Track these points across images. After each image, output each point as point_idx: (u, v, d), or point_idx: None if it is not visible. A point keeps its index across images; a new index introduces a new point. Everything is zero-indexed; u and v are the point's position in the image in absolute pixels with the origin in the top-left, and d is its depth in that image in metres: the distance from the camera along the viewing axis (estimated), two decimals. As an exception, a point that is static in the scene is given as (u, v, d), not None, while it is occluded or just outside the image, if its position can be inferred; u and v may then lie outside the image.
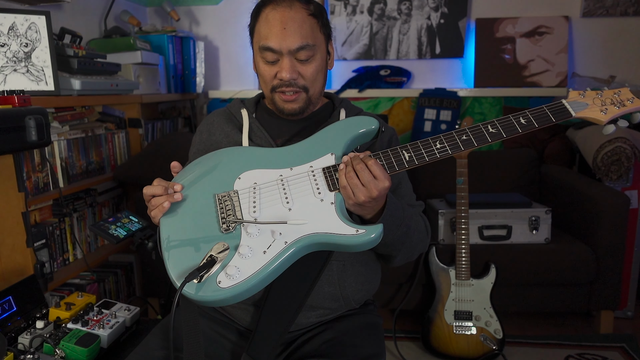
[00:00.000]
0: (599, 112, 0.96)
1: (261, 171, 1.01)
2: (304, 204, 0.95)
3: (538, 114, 0.96)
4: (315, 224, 0.93)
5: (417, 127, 2.88)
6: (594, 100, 0.98)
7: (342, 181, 0.93)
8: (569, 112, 0.96)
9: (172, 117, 2.91)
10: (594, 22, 2.79)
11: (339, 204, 0.95)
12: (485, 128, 0.96)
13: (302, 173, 0.99)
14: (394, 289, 2.13)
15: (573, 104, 0.97)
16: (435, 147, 0.96)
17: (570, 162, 2.65)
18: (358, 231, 0.91)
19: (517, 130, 0.95)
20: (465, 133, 0.96)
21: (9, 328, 1.28)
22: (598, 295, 2.08)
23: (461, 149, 0.95)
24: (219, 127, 1.18)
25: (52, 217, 1.84)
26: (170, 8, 2.80)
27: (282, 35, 1.03)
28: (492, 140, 0.96)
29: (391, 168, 0.95)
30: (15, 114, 1.34)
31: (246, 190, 0.98)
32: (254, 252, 0.91)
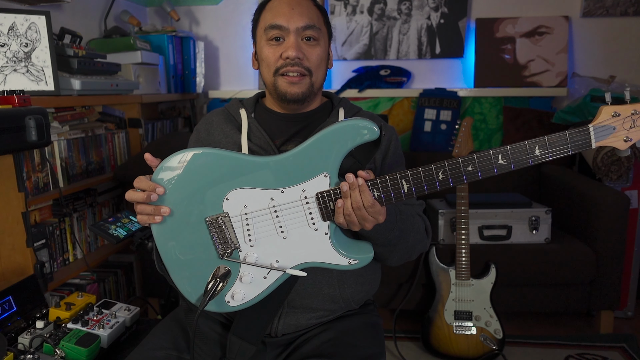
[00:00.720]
0: (622, 140, 0.85)
1: (250, 191, 0.94)
2: (299, 234, 0.95)
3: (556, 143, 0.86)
4: (310, 253, 0.95)
5: (417, 127, 2.88)
6: (624, 123, 0.84)
7: (339, 219, 0.91)
8: (589, 143, 0.85)
9: (172, 117, 2.91)
10: (594, 22, 2.79)
11: (333, 233, 0.95)
12: (495, 159, 0.87)
13: (294, 200, 0.94)
14: (394, 289, 2.13)
15: (598, 131, 0.85)
16: (437, 178, 0.89)
17: (570, 162, 2.65)
18: (350, 262, 0.95)
19: (529, 163, 0.87)
20: (472, 163, 0.88)
21: (9, 328, 1.28)
22: (598, 295, 2.08)
23: (464, 181, 0.89)
24: (218, 127, 1.17)
25: (52, 217, 1.84)
26: (170, 8, 2.80)
27: (290, 14, 1.05)
28: (498, 172, 0.88)
29: (388, 201, 0.92)
30: (15, 114, 1.34)
31: (238, 217, 0.95)
32: (255, 278, 0.97)
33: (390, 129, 1.19)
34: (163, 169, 0.95)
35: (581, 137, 0.85)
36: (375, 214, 0.91)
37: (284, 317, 1.07)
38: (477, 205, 2.12)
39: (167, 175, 0.95)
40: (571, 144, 0.85)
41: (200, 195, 0.95)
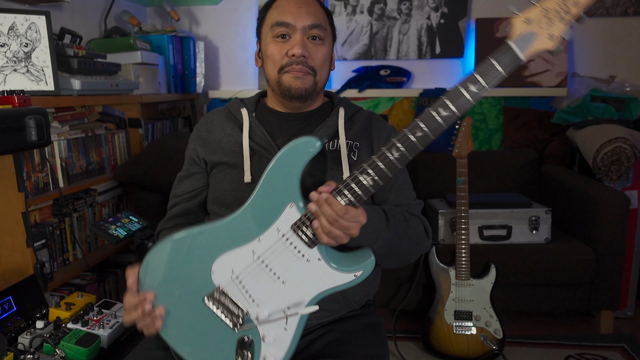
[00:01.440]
0: (546, 39, 0.82)
1: (231, 254, 0.92)
2: (294, 272, 0.91)
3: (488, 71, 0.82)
4: (314, 285, 0.92)
5: (417, 127, 2.87)
6: (540, 23, 0.82)
7: (324, 240, 0.88)
8: (517, 57, 0.82)
9: (172, 117, 2.91)
10: (594, 22, 2.79)
11: (326, 255, 0.91)
12: (437, 113, 0.83)
13: (274, 242, 0.91)
14: (394, 289, 2.13)
15: (520, 42, 0.82)
16: (393, 156, 0.85)
17: (570, 162, 2.65)
18: (356, 275, 0.92)
19: (471, 102, 0.82)
20: (418, 128, 0.84)
21: (9, 328, 1.28)
22: (598, 295, 2.08)
23: (419, 148, 0.85)
24: (219, 126, 1.17)
25: (52, 217, 1.84)
26: (170, 8, 2.80)
27: (297, 12, 1.06)
28: (447, 126, 0.84)
29: (359, 200, 0.87)
30: (15, 114, 1.34)
31: (231, 283, 0.93)
32: (277, 334, 0.93)
33: (389, 127, 1.19)
34: (142, 276, 0.96)
35: (506, 56, 0.82)
36: (354, 218, 0.88)
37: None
38: (477, 205, 2.12)
39: (150, 279, 0.95)
40: (501, 66, 0.82)
41: (188, 280, 0.94)
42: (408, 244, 1.07)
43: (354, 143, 1.12)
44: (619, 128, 2.25)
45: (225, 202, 1.11)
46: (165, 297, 0.94)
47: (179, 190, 1.22)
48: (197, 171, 1.19)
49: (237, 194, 1.09)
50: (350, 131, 1.14)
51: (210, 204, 1.17)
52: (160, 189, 2.02)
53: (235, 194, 1.09)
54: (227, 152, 1.13)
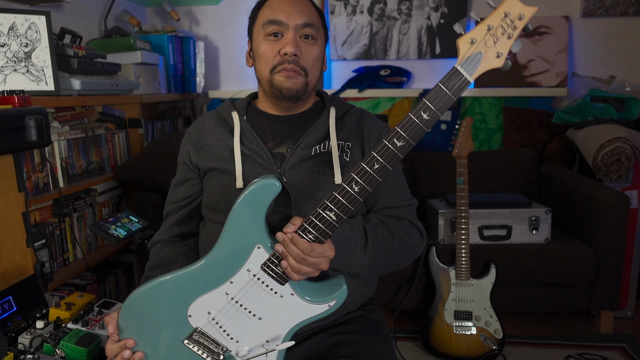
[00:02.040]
0: (494, 58, 0.80)
1: (205, 297, 0.94)
2: (269, 308, 0.93)
3: (438, 98, 0.82)
4: (290, 319, 0.94)
5: (417, 127, 2.87)
6: (486, 41, 0.80)
7: (294, 277, 0.89)
8: (465, 80, 0.81)
9: (172, 117, 2.91)
10: (594, 22, 2.79)
11: (299, 289, 0.93)
12: (392, 144, 0.83)
13: (246, 283, 0.92)
14: (394, 289, 2.13)
15: (467, 64, 0.81)
16: (353, 190, 0.85)
17: (570, 162, 2.65)
18: (330, 305, 0.93)
19: (424, 130, 0.82)
20: (375, 160, 0.84)
21: (9, 328, 1.28)
22: (598, 295, 2.08)
23: (378, 179, 0.85)
24: (210, 131, 1.16)
25: (52, 217, 1.84)
26: (170, 8, 2.80)
27: (290, 11, 1.05)
28: (402, 155, 0.84)
29: (325, 235, 0.88)
30: (15, 114, 1.34)
31: (208, 325, 0.95)
32: None
33: (381, 124, 1.17)
34: (122, 323, 0.97)
35: (455, 79, 0.81)
36: (321, 254, 0.88)
37: None
38: (477, 205, 2.12)
39: (129, 326, 0.96)
40: (450, 90, 0.81)
41: (166, 325, 0.95)
42: (394, 257, 1.07)
43: (346, 143, 1.11)
44: (619, 128, 2.25)
45: (218, 208, 1.11)
46: (145, 342, 0.96)
47: (175, 197, 1.21)
48: (191, 177, 1.19)
49: (229, 199, 1.08)
50: (342, 131, 1.13)
51: (204, 210, 1.16)
52: (160, 189, 2.02)
53: (228, 199, 1.08)
54: (219, 157, 1.12)
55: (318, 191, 1.06)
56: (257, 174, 1.08)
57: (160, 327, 0.95)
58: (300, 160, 1.08)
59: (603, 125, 2.34)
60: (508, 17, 0.79)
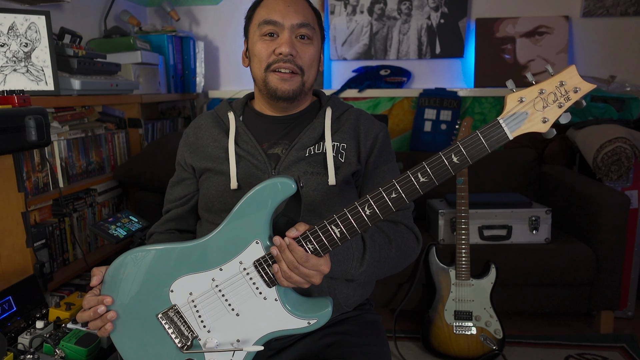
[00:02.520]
0: (540, 122, 0.80)
1: (191, 277, 0.93)
2: (249, 307, 0.92)
3: (472, 146, 0.80)
4: (267, 324, 0.92)
5: (417, 127, 2.88)
6: (535, 105, 0.79)
7: (283, 283, 0.88)
8: (505, 135, 0.80)
9: (172, 117, 2.91)
10: (594, 22, 2.79)
11: (284, 297, 0.91)
12: (416, 178, 0.82)
13: (234, 275, 0.91)
14: (394, 289, 2.13)
15: (510, 121, 0.80)
16: (365, 213, 0.84)
17: (570, 162, 2.65)
18: (310, 322, 0.91)
19: (450, 173, 0.82)
20: (394, 189, 0.83)
21: (9, 328, 1.28)
22: (598, 295, 2.08)
23: (392, 209, 0.84)
24: (206, 131, 1.16)
25: (52, 217, 1.84)
26: (170, 8, 2.80)
27: (285, 11, 1.05)
28: (423, 192, 0.83)
29: (324, 250, 0.87)
30: (15, 114, 1.34)
31: (186, 306, 0.94)
32: None
33: (378, 125, 1.16)
34: (107, 278, 0.96)
35: (494, 132, 0.80)
36: (315, 267, 0.87)
37: None
38: (477, 205, 2.12)
39: (113, 283, 0.95)
40: (487, 141, 0.80)
41: (146, 294, 0.95)
42: (390, 264, 1.06)
43: (341, 144, 1.10)
44: (619, 128, 2.25)
45: (213, 208, 1.11)
46: (122, 305, 0.95)
47: (172, 195, 1.22)
48: (187, 177, 1.19)
49: (224, 200, 1.08)
50: (338, 132, 1.12)
51: (201, 210, 1.16)
52: (160, 189, 2.01)
53: (223, 200, 1.08)
54: (214, 158, 1.12)
55: (312, 192, 1.06)
56: (252, 175, 1.08)
57: (141, 294, 0.94)
58: (295, 161, 1.08)
59: (603, 125, 2.34)
60: (563, 86, 0.78)
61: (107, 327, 0.94)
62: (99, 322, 0.94)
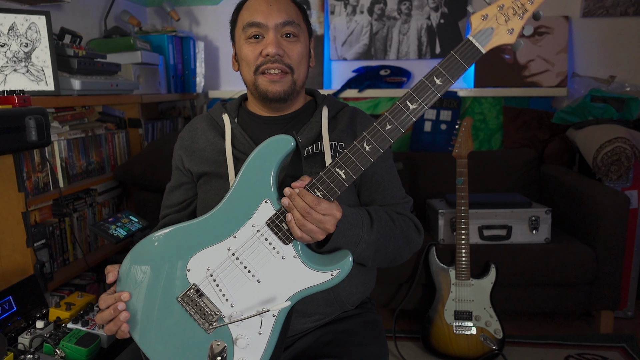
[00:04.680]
0: (506, 34, 0.86)
1: (206, 251, 0.92)
2: (269, 269, 0.90)
3: (450, 65, 0.86)
4: (290, 285, 0.90)
5: (417, 127, 2.88)
6: (497, 19, 0.86)
7: (297, 233, 0.87)
8: (478, 50, 0.86)
9: (172, 117, 2.91)
10: (594, 22, 2.79)
11: (302, 253, 0.90)
12: (405, 106, 0.86)
13: (249, 238, 0.91)
14: (394, 289, 2.13)
15: (479, 37, 0.86)
16: (365, 150, 0.87)
17: (570, 162, 2.65)
18: (333, 274, 0.89)
19: (437, 95, 0.87)
20: (388, 121, 0.87)
21: (9, 328, 1.28)
22: (598, 295, 2.08)
23: (390, 141, 0.87)
24: (202, 134, 1.16)
25: (52, 217, 1.84)
26: (170, 8, 2.80)
27: (268, 11, 1.04)
28: (416, 118, 0.87)
29: (333, 194, 0.88)
30: (15, 114, 1.34)
31: (205, 282, 0.92)
32: (250, 338, 0.90)
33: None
34: (121, 275, 0.95)
35: (467, 49, 0.86)
36: (328, 211, 0.86)
37: None
38: (477, 205, 2.12)
39: (128, 278, 0.94)
40: (463, 59, 0.85)
41: (164, 280, 0.93)
42: (395, 244, 1.06)
43: (338, 143, 1.10)
44: (619, 128, 2.25)
45: None
46: (140, 296, 0.93)
47: (169, 201, 1.21)
48: (186, 181, 1.18)
49: None
50: (335, 131, 1.12)
51: (199, 214, 1.16)
52: (160, 189, 2.01)
53: None
54: (211, 161, 1.11)
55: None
56: None
57: (158, 281, 0.93)
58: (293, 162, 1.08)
59: (603, 125, 2.34)
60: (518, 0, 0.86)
61: (123, 328, 0.92)
62: (113, 325, 0.92)
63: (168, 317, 0.93)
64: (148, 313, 0.93)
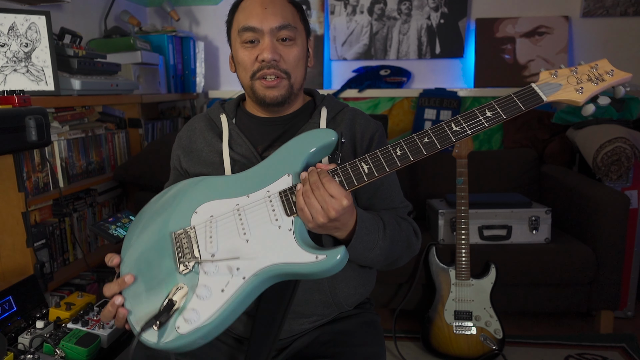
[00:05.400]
0: (574, 92, 0.86)
1: (218, 202, 0.95)
2: (261, 233, 0.90)
3: (506, 104, 0.87)
4: (273, 254, 0.87)
5: (417, 127, 2.88)
6: (568, 79, 0.86)
7: (300, 202, 0.87)
8: (539, 97, 0.86)
9: (172, 117, 2.91)
10: (594, 22, 2.79)
11: (298, 228, 0.89)
12: (449, 127, 0.88)
13: (258, 200, 0.93)
14: (394, 289, 2.13)
15: (544, 87, 0.87)
16: (395, 154, 0.89)
17: (570, 162, 2.65)
18: (318, 257, 0.85)
19: (484, 125, 0.87)
20: (427, 135, 0.88)
21: (9, 328, 1.28)
22: (598, 295, 2.08)
23: (424, 153, 0.88)
24: (200, 135, 1.15)
25: (52, 217, 1.84)
26: (170, 8, 2.80)
27: (263, 15, 1.03)
28: (456, 140, 0.88)
29: (350, 183, 0.89)
30: (15, 114, 1.34)
31: (202, 225, 0.93)
32: (212, 291, 0.86)
33: (374, 125, 1.15)
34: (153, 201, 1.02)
35: (527, 94, 0.86)
36: (337, 194, 0.85)
37: None
38: (477, 205, 2.12)
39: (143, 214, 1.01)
40: (521, 101, 0.86)
41: (169, 216, 0.97)
42: (400, 248, 1.05)
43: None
44: (619, 128, 2.25)
45: None
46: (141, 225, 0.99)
47: None
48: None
49: None
50: None
51: None
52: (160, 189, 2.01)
53: None
54: (209, 162, 1.11)
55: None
56: None
57: (167, 212, 0.98)
58: None
59: (603, 125, 2.34)
60: (596, 70, 0.87)
61: (120, 313, 0.89)
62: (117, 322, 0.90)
63: (153, 246, 0.94)
64: (139, 238, 0.97)
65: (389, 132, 2.86)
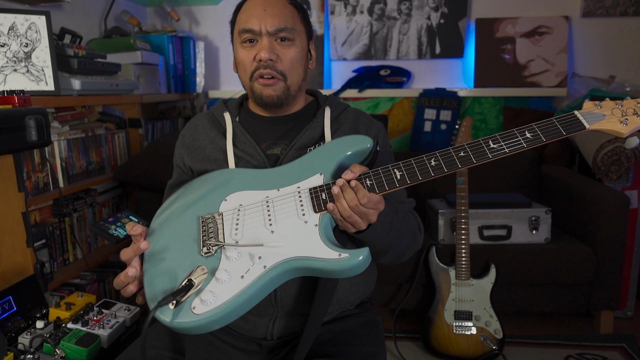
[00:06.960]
0: (618, 123, 0.86)
1: (248, 192, 0.99)
2: (287, 225, 0.91)
3: (546, 127, 0.87)
4: (296, 247, 0.88)
5: (417, 127, 2.88)
6: (612, 111, 0.87)
7: (341, 222, 0.92)
8: (582, 125, 0.86)
9: (172, 117, 2.91)
10: (594, 22, 2.79)
11: (324, 226, 0.91)
12: (486, 144, 0.88)
13: (288, 194, 0.96)
14: (394, 289, 2.13)
15: (587, 116, 0.87)
16: (429, 164, 0.90)
17: (570, 162, 2.65)
18: (341, 255, 0.86)
19: (522, 146, 0.87)
20: (463, 149, 0.89)
21: (9, 328, 1.28)
22: (598, 295, 2.08)
23: (458, 166, 0.89)
24: (203, 132, 1.16)
25: (52, 217, 1.84)
26: (170, 8, 2.80)
27: (262, 16, 1.05)
28: (492, 157, 0.87)
29: (381, 188, 0.91)
30: (15, 114, 1.34)
31: (230, 212, 0.96)
32: (232, 276, 0.87)
33: (377, 125, 1.16)
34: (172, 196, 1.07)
35: (570, 120, 0.87)
36: (375, 205, 0.89)
37: (277, 321, 1.06)
38: (477, 205, 2.12)
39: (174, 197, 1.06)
40: (562, 125, 0.87)
41: (200, 201, 1.01)
42: (408, 237, 1.07)
43: None
44: (619, 128, 2.25)
45: None
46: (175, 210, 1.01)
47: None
48: (186, 179, 1.18)
49: None
50: (337, 132, 1.11)
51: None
52: (160, 189, 2.00)
53: None
54: (212, 160, 1.11)
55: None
56: None
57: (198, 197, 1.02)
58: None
59: (603, 125, 2.34)
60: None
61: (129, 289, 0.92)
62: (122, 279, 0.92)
63: (180, 226, 0.97)
64: (170, 215, 1.01)
65: (389, 132, 2.86)
